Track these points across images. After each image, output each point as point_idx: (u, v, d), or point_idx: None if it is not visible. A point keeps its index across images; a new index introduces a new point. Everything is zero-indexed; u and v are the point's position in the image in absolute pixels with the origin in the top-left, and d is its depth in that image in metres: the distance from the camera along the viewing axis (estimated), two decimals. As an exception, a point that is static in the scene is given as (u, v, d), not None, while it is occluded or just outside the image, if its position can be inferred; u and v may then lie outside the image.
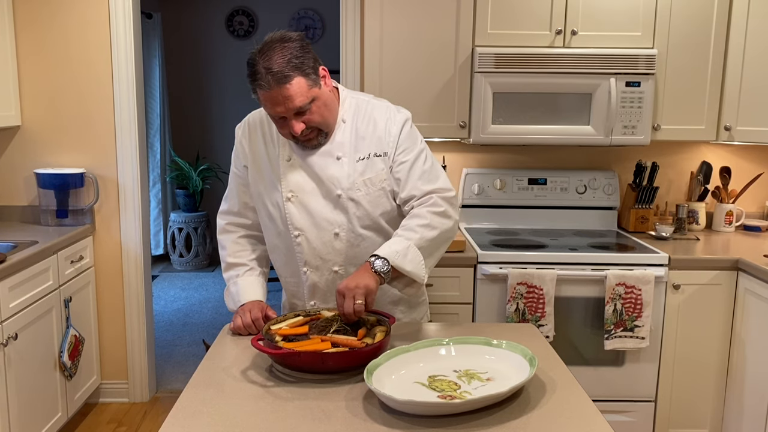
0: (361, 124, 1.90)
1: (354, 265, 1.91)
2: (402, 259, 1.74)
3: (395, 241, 1.79)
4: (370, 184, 1.88)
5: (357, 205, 1.88)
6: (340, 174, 1.87)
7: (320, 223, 1.88)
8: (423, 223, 1.81)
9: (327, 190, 1.87)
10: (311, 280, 1.94)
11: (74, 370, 3.07)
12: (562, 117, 2.98)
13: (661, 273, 2.81)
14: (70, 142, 3.32)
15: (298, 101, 1.73)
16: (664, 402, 2.95)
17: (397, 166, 1.89)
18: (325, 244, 1.89)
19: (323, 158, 1.88)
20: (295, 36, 1.78)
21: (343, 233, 1.89)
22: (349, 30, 3.26)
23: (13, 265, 2.58)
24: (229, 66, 6.67)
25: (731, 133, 3.08)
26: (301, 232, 1.89)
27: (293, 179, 1.89)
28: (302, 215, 1.89)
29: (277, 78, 1.70)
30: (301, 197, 1.88)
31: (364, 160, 1.88)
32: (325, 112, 1.82)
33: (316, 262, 1.92)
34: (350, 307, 1.65)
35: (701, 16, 3.01)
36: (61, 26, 3.24)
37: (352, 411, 1.41)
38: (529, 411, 1.41)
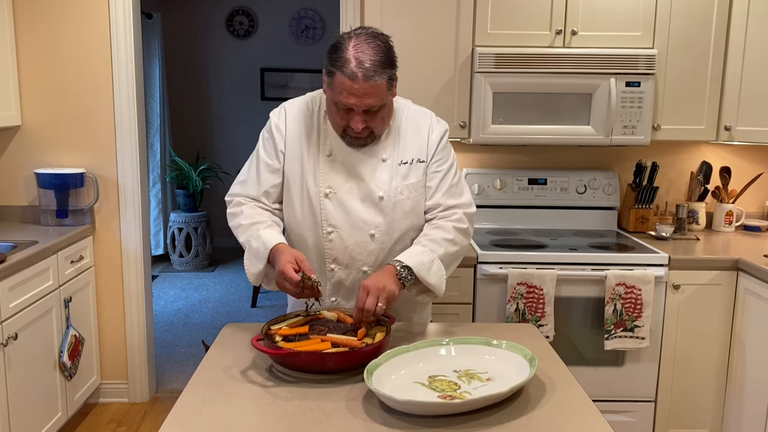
0: (404, 129, 1.92)
1: (383, 267, 1.85)
2: (427, 271, 1.80)
3: (421, 251, 1.82)
4: (412, 188, 1.90)
5: (398, 208, 1.88)
6: (385, 176, 1.88)
7: (357, 223, 1.87)
8: (449, 237, 1.87)
9: (368, 190, 1.87)
10: (338, 277, 1.93)
11: (74, 370, 3.07)
12: (562, 117, 2.98)
13: (661, 273, 2.81)
14: (70, 142, 3.32)
15: (372, 101, 1.73)
16: (664, 402, 2.95)
17: (430, 174, 1.92)
18: (358, 244, 1.89)
19: (367, 158, 1.88)
20: (387, 37, 1.79)
21: (379, 235, 1.89)
22: (349, 30, 3.26)
23: (13, 265, 2.58)
24: (229, 66, 6.67)
25: (731, 133, 3.08)
26: (334, 229, 1.88)
27: (333, 175, 1.88)
28: (338, 212, 1.88)
29: (366, 73, 1.69)
30: (339, 194, 1.88)
31: (407, 164, 1.89)
32: (387, 118, 1.85)
33: (346, 261, 1.91)
34: (372, 305, 1.67)
35: (701, 16, 3.01)
36: (61, 26, 3.24)
37: (352, 411, 1.41)
38: (529, 411, 1.41)
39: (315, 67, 6.66)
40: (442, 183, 1.93)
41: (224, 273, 6.02)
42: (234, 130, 6.70)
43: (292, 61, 6.69)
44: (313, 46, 6.67)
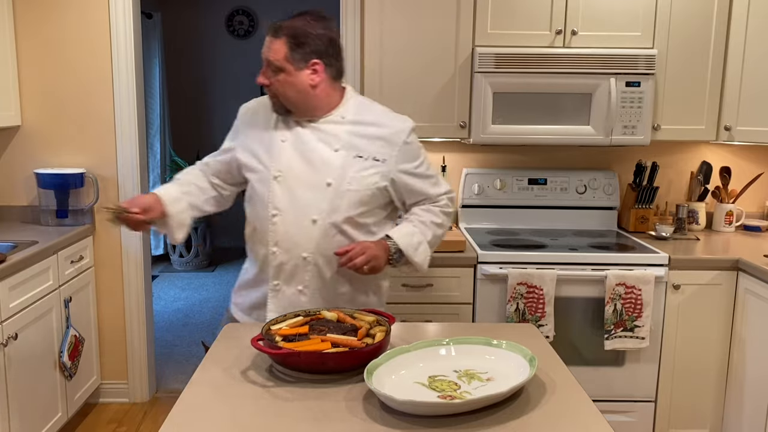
0: (363, 126, 2.00)
1: (323, 255, 1.96)
2: (414, 251, 2.00)
3: (412, 232, 2.00)
4: (362, 182, 1.95)
5: (344, 198, 1.94)
6: (335, 164, 1.94)
7: (300, 207, 1.94)
8: (437, 221, 2.06)
9: (317, 176, 1.94)
10: (279, 260, 1.98)
11: (74, 370, 3.07)
12: (562, 117, 2.98)
13: (661, 273, 2.81)
14: (70, 142, 3.32)
15: (270, 56, 1.92)
16: (664, 402, 2.95)
17: (406, 175, 2.01)
18: (300, 229, 1.94)
19: (321, 146, 1.96)
20: (331, 26, 1.95)
21: (321, 221, 1.94)
22: (349, 30, 3.26)
23: (13, 265, 2.58)
24: (229, 66, 6.67)
25: (731, 133, 3.08)
26: (279, 212, 1.95)
27: (284, 160, 1.96)
28: (285, 196, 1.95)
29: (272, 28, 1.93)
30: (288, 178, 1.95)
31: (362, 159, 1.96)
32: (288, 90, 1.93)
33: (287, 245, 1.96)
34: (360, 264, 1.87)
35: (701, 16, 3.01)
36: (61, 26, 3.24)
37: (352, 411, 1.41)
38: (529, 411, 1.41)
39: (315, 67, 6.66)
40: (423, 181, 2.05)
41: (224, 273, 6.02)
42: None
43: (292, 61, 6.69)
44: (313, 46, 6.67)
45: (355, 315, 1.78)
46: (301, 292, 2.00)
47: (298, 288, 2.00)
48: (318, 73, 1.92)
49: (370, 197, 1.97)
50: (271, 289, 2.02)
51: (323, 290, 2.01)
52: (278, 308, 2.02)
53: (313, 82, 1.93)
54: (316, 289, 2.00)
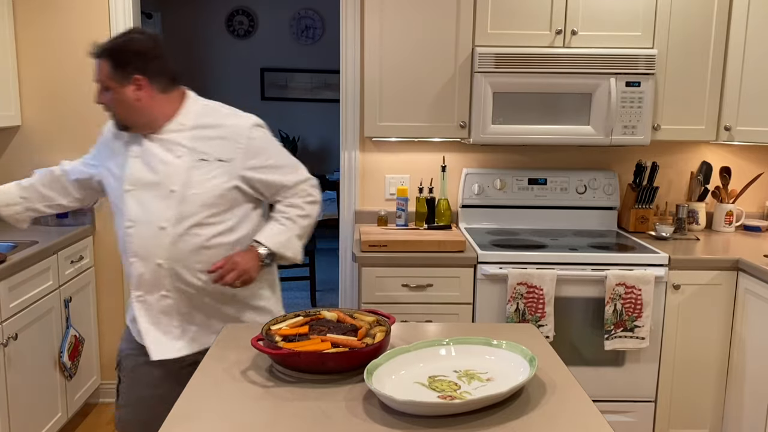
0: (205, 129, 2.04)
1: (177, 261, 1.99)
2: (284, 249, 2.05)
3: (279, 231, 2.05)
4: (207, 185, 1.99)
5: (189, 202, 1.98)
6: (178, 171, 1.99)
7: (150, 217, 1.99)
8: (302, 213, 2.09)
9: (162, 185, 1.99)
10: (137, 270, 2.03)
11: (74, 370, 3.07)
12: (562, 117, 2.98)
13: (661, 273, 2.81)
14: (70, 142, 3.32)
15: (97, 76, 1.98)
16: (664, 402, 2.95)
17: (256, 171, 2.04)
18: (151, 237, 1.99)
19: (164, 154, 2.01)
20: (147, 39, 2.01)
21: (169, 228, 1.98)
22: (349, 30, 3.26)
23: (13, 265, 2.58)
24: (229, 66, 6.67)
25: (731, 133, 3.08)
26: (132, 224, 2.01)
27: (135, 174, 2.02)
28: (137, 207, 2.01)
29: (95, 51, 1.98)
30: (139, 191, 2.01)
31: (205, 161, 2.00)
32: (118, 107, 2.00)
33: (143, 254, 2.01)
34: (232, 280, 1.95)
35: (701, 16, 3.01)
36: (61, 26, 3.24)
37: (352, 411, 1.41)
38: (529, 411, 1.41)
39: (315, 67, 6.66)
40: (278, 172, 2.07)
41: (224, 273, 6.02)
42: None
43: (292, 61, 6.69)
44: (313, 46, 6.67)
45: (355, 315, 1.79)
46: (165, 297, 2.04)
47: (162, 294, 2.04)
48: (142, 88, 1.97)
49: (219, 198, 2.00)
50: (136, 300, 2.07)
51: (188, 292, 2.04)
52: (149, 318, 2.07)
53: (137, 97, 1.98)
54: (178, 292, 2.04)
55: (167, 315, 2.05)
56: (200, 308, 2.07)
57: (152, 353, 2.05)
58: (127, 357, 2.17)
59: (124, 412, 2.19)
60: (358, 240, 2.99)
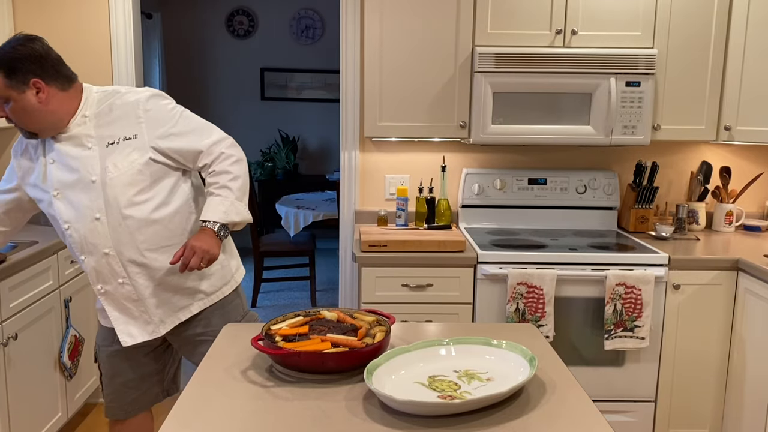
0: (104, 114, 2.06)
1: (122, 245, 2.04)
2: (231, 216, 2.06)
3: (219, 202, 2.06)
4: (122, 166, 2.02)
5: (111, 187, 2.02)
6: (92, 161, 2.03)
7: (82, 212, 2.03)
8: (231, 177, 2.08)
9: (83, 178, 2.03)
10: (90, 265, 2.08)
11: (74, 370, 3.07)
12: (562, 117, 2.98)
13: (661, 273, 2.81)
14: (70, 142, 3.32)
15: None
16: (664, 402, 2.95)
17: (164, 139, 2.05)
18: (90, 231, 2.04)
19: (75, 150, 2.04)
20: (33, 42, 1.98)
21: (103, 217, 2.03)
22: (349, 30, 3.26)
23: (13, 265, 2.58)
24: (229, 66, 6.68)
25: (731, 133, 3.08)
26: (69, 224, 2.05)
27: (57, 177, 2.05)
28: (67, 208, 2.04)
29: None
30: (64, 192, 2.05)
31: (114, 144, 2.04)
32: (23, 116, 1.99)
33: (88, 248, 2.06)
34: (196, 264, 1.99)
35: (701, 16, 3.01)
36: (61, 26, 3.24)
37: (352, 411, 1.41)
38: (529, 411, 1.41)
39: (315, 67, 6.66)
40: (182, 136, 2.07)
41: (224, 273, 6.02)
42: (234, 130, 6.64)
43: (292, 61, 6.69)
44: (313, 46, 6.67)
45: (355, 315, 1.79)
46: (123, 284, 2.08)
47: (119, 281, 2.08)
48: (42, 90, 1.98)
49: (138, 175, 2.03)
50: (99, 294, 2.12)
51: (145, 272, 2.09)
52: (116, 306, 2.12)
53: (41, 100, 1.98)
54: (136, 274, 2.08)
55: (131, 301, 2.10)
56: (162, 286, 2.11)
57: (125, 341, 2.12)
58: (102, 349, 2.26)
59: (110, 400, 2.29)
60: (358, 240, 2.99)
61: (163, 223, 2.07)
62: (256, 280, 5.18)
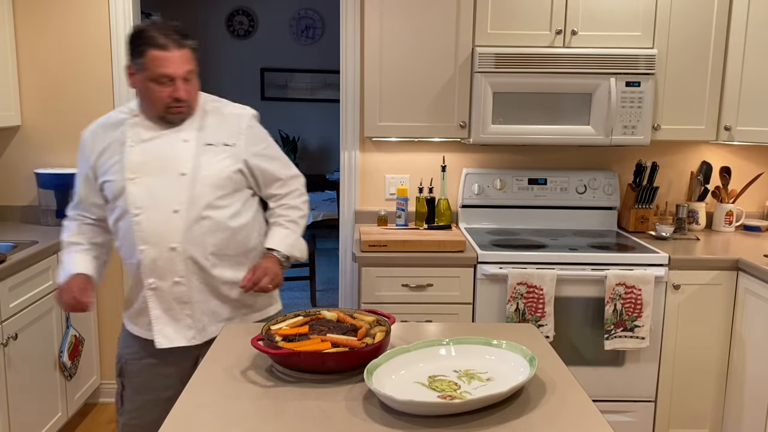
0: (208, 115, 2.10)
1: (192, 243, 2.01)
2: (294, 250, 2.17)
3: (287, 234, 2.16)
4: (215, 167, 2.04)
5: (201, 185, 2.02)
6: (187, 155, 2.02)
7: (160, 202, 2.00)
8: (301, 215, 2.22)
9: (170, 169, 2.01)
10: (149, 257, 2.02)
11: (74, 370, 3.07)
12: (562, 117, 2.98)
13: (661, 273, 2.81)
14: (70, 142, 3.32)
15: (189, 65, 2.01)
16: (664, 402, 2.95)
17: (256, 157, 2.12)
18: (164, 222, 2.00)
19: (170, 140, 2.04)
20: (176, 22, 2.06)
21: (183, 211, 2.00)
22: (349, 30, 3.26)
23: (13, 265, 2.58)
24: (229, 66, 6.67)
25: (731, 133, 3.08)
26: (140, 211, 2.00)
27: (136, 162, 2.02)
28: (143, 194, 2.00)
29: (176, 39, 1.97)
30: (143, 178, 2.01)
31: (211, 146, 2.06)
32: (194, 91, 2.06)
33: (155, 239, 2.01)
34: (266, 284, 2.04)
35: (701, 16, 3.01)
36: (61, 26, 3.24)
37: (352, 411, 1.41)
38: (529, 411, 1.41)
39: (315, 67, 6.66)
40: (270, 160, 2.16)
41: (224, 273, 6.01)
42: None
43: (292, 61, 6.69)
44: (313, 46, 6.67)
45: (355, 315, 1.79)
46: (178, 284, 2.04)
47: (174, 280, 2.03)
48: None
49: (227, 180, 2.05)
50: (148, 289, 2.05)
51: (201, 275, 2.06)
52: (162, 305, 2.06)
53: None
54: (192, 275, 2.05)
55: (180, 302, 2.05)
56: (214, 293, 2.08)
57: (160, 342, 2.05)
58: (131, 362, 2.14)
59: (130, 417, 2.15)
60: (358, 240, 2.99)
61: (233, 232, 2.08)
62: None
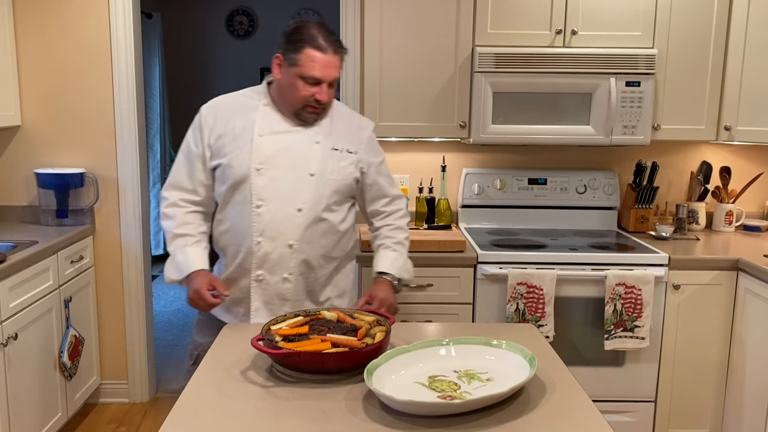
0: (337, 121, 2.13)
1: (307, 243, 2.05)
2: (405, 273, 2.19)
3: (395, 256, 2.17)
4: (340, 172, 2.08)
5: (326, 187, 2.05)
6: (317, 157, 2.05)
7: (286, 198, 2.01)
8: (406, 236, 2.24)
9: (300, 168, 2.03)
10: (264, 250, 2.03)
11: (74, 370, 3.07)
12: (562, 117, 2.98)
13: (661, 273, 2.81)
14: (70, 142, 3.32)
15: (337, 72, 2.01)
16: (664, 402, 2.95)
17: (369, 167, 2.17)
18: (286, 218, 2.01)
19: (301, 139, 2.06)
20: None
21: (306, 210, 2.03)
22: (349, 30, 3.26)
23: (13, 265, 2.58)
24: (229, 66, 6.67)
25: (731, 133, 3.08)
26: (263, 203, 2.01)
27: (265, 152, 2.02)
28: (268, 187, 2.01)
29: (335, 46, 1.98)
30: (269, 170, 2.01)
31: (338, 151, 2.09)
32: (332, 96, 2.08)
33: (273, 234, 2.02)
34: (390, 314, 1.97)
35: (701, 16, 3.01)
36: (61, 26, 3.24)
37: (352, 411, 1.41)
38: (529, 411, 1.41)
39: (315, 67, 6.65)
40: (382, 175, 2.21)
41: (224, 273, 6.02)
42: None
43: (292, 61, 6.69)
44: (313, 46, 6.67)
45: (355, 315, 1.79)
46: (285, 280, 2.06)
47: (283, 276, 2.05)
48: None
49: (346, 187, 2.11)
50: (254, 280, 2.07)
51: (307, 275, 2.09)
52: (263, 298, 2.07)
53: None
54: (300, 275, 2.08)
55: (281, 298, 2.08)
56: (310, 293, 2.13)
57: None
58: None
59: None
60: (359, 240, 2.99)
61: (340, 236, 2.13)
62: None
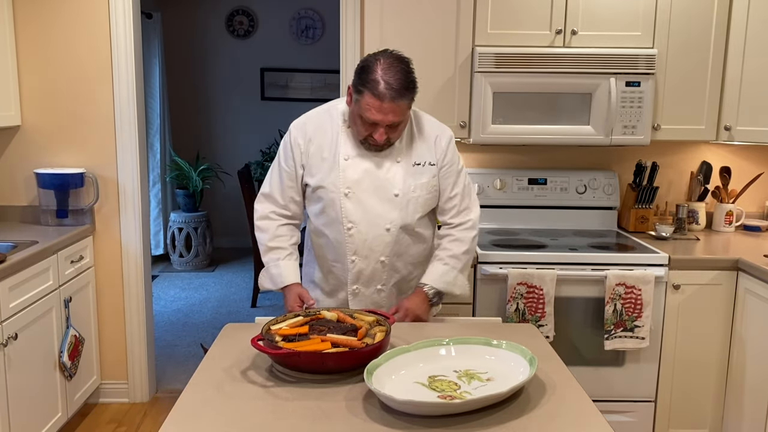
0: (417, 135, 2.15)
1: (397, 255, 2.15)
2: (452, 286, 2.16)
3: (444, 271, 2.15)
4: (423, 187, 2.12)
5: (411, 204, 2.11)
6: (399, 176, 2.10)
7: (374, 219, 2.09)
8: (465, 249, 2.19)
9: (384, 188, 2.09)
10: (358, 267, 2.14)
11: (74, 370, 3.07)
12: (562, 117, 2.98)
13: (661, 273, 2.81)
14: (70, 142, 3.32)
15: (395, 118, 1.97)
16: (664, 402, 2.95)
17: (444, 175, 2.16)
18: (376, 237, 2.10)
19: (383, 160, 2.09)
20: (409, 61, 2.03)
21: (393, 229, 2.10)
22: (349, 30, 3.26)
23: (13, 265, 2.58)
24: (229, 66, 6.67)
25: (731, 133, 3.08)
26: (354, 225, 2.09)
27: (351, 176, 2.08)
28: (357, 210, 2.08)
29: (393, 95, 1.93)
30: (357, 193, 2.08)
31: (419, 165, 2.12)
32: (397, 134, 2.06)
33: (365, 252, 2.12)
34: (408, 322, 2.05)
35: (701, 16, 3.01)
36: (61, 26, 3.24)
37: (352, 411, 1.41)
38: (529, 411, 1.41)
39: (315, 67, 6.66)
40: (457, 183, 2.18)
41: (224, 273, 6.02)
42: (234, 130, 6.70)
43: (292, 61, 6.69)
44: (313, 45, 6.67)
45: (355, 315, 1.79)
46: (380, 291, 2.17)
47: (377, 287, 2.16)
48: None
49: (432, 200, 2.16)
50: (351, 293, 2.19)
51: (399, 284, 2.22)
52: (360, 307, 2.18)
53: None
54: (393, 285, 2.20)
55: (377, 305, 2.19)
56: (403, 294, 2.21)
57: None
58: None
59: None
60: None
61: (427, 242, 2.21)
62: (257, 280, 5.18)
